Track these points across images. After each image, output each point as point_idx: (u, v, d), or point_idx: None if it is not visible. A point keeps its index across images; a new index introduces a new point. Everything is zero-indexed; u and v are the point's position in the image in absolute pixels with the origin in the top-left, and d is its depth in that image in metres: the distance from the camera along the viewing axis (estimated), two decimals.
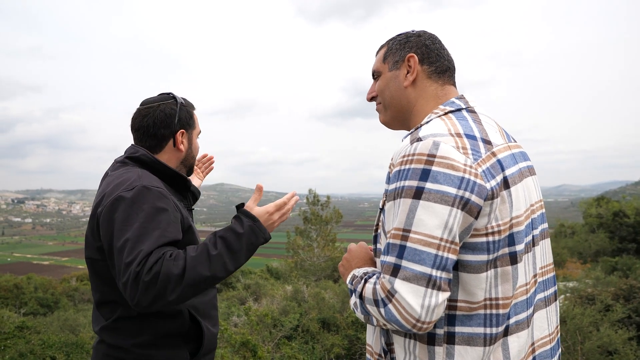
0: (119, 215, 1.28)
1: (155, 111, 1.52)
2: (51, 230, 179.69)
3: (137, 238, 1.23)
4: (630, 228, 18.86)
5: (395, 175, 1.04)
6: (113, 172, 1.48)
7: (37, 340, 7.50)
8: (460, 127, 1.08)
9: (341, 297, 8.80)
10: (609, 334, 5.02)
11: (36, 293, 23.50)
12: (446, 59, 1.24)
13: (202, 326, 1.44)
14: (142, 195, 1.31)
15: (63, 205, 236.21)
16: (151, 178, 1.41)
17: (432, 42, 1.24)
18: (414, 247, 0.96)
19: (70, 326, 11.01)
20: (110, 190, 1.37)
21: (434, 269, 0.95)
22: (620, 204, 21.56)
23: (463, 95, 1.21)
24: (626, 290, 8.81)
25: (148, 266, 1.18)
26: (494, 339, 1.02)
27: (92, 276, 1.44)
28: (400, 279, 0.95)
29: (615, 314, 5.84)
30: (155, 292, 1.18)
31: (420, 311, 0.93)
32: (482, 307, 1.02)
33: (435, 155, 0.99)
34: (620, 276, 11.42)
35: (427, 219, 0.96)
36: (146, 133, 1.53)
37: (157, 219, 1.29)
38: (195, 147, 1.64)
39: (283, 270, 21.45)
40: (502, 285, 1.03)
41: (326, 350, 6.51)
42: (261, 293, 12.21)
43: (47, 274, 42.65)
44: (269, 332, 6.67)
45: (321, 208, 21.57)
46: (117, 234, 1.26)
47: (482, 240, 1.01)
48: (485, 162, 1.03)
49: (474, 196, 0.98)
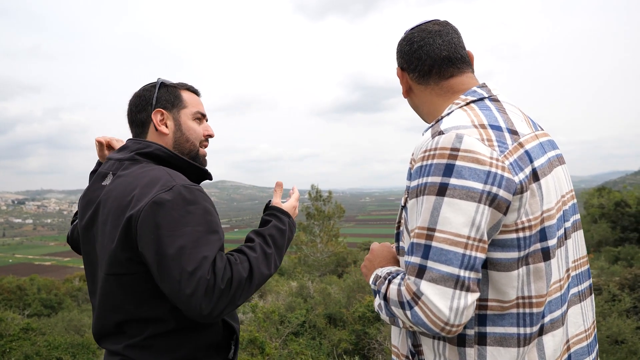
0: (164, 220, 1.15)
1: (133, 98, 1.43)
2: (52, 230, 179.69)
3: (195, 243, 1.14)
4: (632, 218, 18.87)
5: (417, 171, 1.00)
6: (123, 171, 1.31)
7: (42, 341, 7.50)
8: (484, 118, 1.03)
9: (347, 292, 8.79)
10: (618, 324, 5.01)
11: (39, 294, 23.53)
12: (428, 56, 1.15)
13: (235, 330, 1.37)
14: (185, 196, 1.19)
15: (64, 206, 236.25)
16: (180, 175, 1.28)
17: (409, 43, 1.18)
18: (439, 246, 0.92)
19: (75, 327, 11.03)
20: (139, 193, 1.19)
21: (461, 269, 0.91)
22: (622, 194, 21.56)
23: (485, 84, 1.15)
24: (631, 279, 8.81)
25: (220, 273, 1.12)
26: (528, 339, 0.98)
27: (115, 294, 1.25)
28: (426, 281, 0.91)
29: (624, 304, 5.82)
30: (228, 299, 1.13)
31: (448, 314, 0.89)
32: (515, 306, 0.98)
33: (459, 149, 0.95)
34: (625, 266, 11.42)
35: (452, 216, 0.92)
36: (130, 121, 1.42)
37: (208, 220, 1.20)
38: (189, 129, 1.41)
39: (287, 266, 21.47)
40: (535, 283, 0.98)
41: (334, 346, 6.51)
42: (266, 289, 12.21)
43: (50, 274, 42.70)
44: (276, 329, 6.66)
45: (323, 203, 21.58)
46: (166, 241, 1.13)
47: (512, 236, 0.96)
48: (512, 153, 0.98)
49: (502, 191, 0.93)
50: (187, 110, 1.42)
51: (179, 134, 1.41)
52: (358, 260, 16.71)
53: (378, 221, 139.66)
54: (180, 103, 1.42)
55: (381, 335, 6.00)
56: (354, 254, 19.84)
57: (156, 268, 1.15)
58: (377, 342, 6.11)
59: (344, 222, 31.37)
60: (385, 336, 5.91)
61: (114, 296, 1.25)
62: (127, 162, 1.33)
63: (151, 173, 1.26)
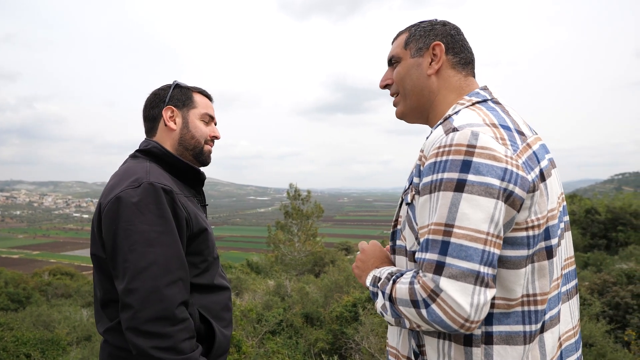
0: (122, 214, 1.24)
1: (149, 96, 1.55)
2: (22, 223, 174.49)
3: (150, 268, 1.21)
4: (601, 225, 19.44)
5: (430, 168, 0.98)
6: (123, 165, 1.44)
7: (10, 337, 7.25)
8: (494, 118, 1.04)
9: (324, 292, 8.80)
10: (589, 328, 5.15)
11: (7, 288, 22.79)
12: (469, 51, 1.21)
13: (214, 327, 1.37)
14: (148, 197, 1.26)
15: (34, 197, 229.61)
16: (160, 173, 1.35)
17: (457, 33, 1.20)
18: (459, 242, 0.91)
19: (44, 322, 10.71)
20: (114, 183, 1.32)
21: (481, 265, 0.90)
22: (592, 202, 22.20)
23: (487, 87, 1.17)
24: (600, 284, 9.09)
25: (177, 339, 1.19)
26: (533, 336, 1.00)
27: (97, 273, 1.36)
28: (445, 277, 0.90)
29: (594, 308, 6.00)
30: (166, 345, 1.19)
31: (469, 310, 0.89)
32: (520, 304, 0.99)
33: (476, 146, 0.94)
34: (594, 271, 11.76)
35: (471, 212, 0.91)
36: (144, 117, 1.54)
37: (162, 240, 1.24)
38: (195, 127, 1.51)
39: (263, 265, 21.36)
40: (539, 281, 1.00)
41: (310, 345, 6.50)
42: (242, 288, 12.12)
43: (18, 268, 41.48)
44: (253, 327, 6.61)
45: (302, 203, 21.54)
46: (121, 234, 1.23)
47: (523, 234, 0.97)
48: (523, 153, 0.99)
49: (517, 188, 0.94)
50: (197, 111, 1.53)
51: (185, 131, 1.50)
52: (336, 260, 16.75)
53: (355, 222, 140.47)
54: (191, 103, 1.53)
55: (358, 335, 6.03)
56: (332, 253, 19.88)
57: (109, 258, 1.26)
58: (355, 341, 6.14)
59: (322, 222, 31.44)
60: (362, 336, 5.93)
61: (98, 275, 1.36)
62: (130, 158, 1.47)
63: (133, 167, 1.36)
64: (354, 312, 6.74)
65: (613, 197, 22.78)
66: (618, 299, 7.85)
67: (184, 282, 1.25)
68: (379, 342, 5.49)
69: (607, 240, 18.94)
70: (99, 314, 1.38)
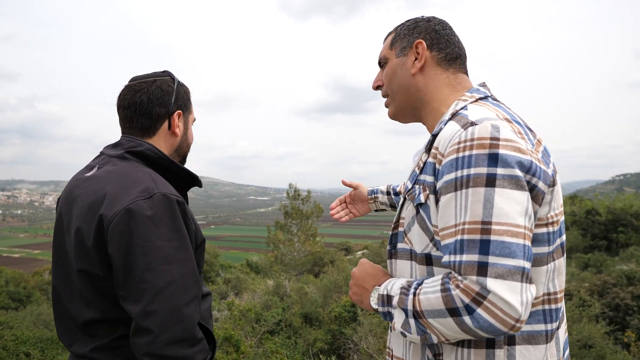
0: (136, 229, 1.11)
1: (151, 86, 1.32)
2: (22, 222, 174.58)
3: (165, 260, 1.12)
4: (601, 226, 19.43)
5: (452, 164, 0.93)
6: (110, 167, 1.25)
7: (10, 335, 7.25)
8: (505, 113, 1.01)
9: (323, 292, 8.79)
10: (588, 329, 5.14)
11: (7, 287, 22.80)
12: (457, 46, 1.16)
13: (212, 332, 1.31)
14: (163, 210, 1.15)
15: (35, 197, 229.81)
16: (164, 182, 1.23)
17: (442, 28, 1.16)
18: (500, 239, 0.86)
19: (44, 321, 10.72)
20: (116, 192, 1.15)
21: (525, 260, 0.86)
22: (593, 203, 22.17)
23: (484, 83, 1.15)
24: (600, 286, 9.08)
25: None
26: (552, 334, 0.99)
27: (89, 292, 1.19)
28: (492, 277, 0.84)
29: (594, 309, 5.99)
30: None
31: (521, 309, 0.84)
32: (541, 303, 0.97)
33: (499, 138, 0.90)
34: (594, 272, 11.75)
35: (507, 207, 0.87)
36: (138, 111, 1.31)
37: (175, 238, 1.15)
38: (191, 134, 1.44)
39: (263, 265, 21.35)
40: (557, 279, 0.99)
41: (309, 345, 6.50)
42: (242, 287, 12.12)
43: (18, 267, 41.47)
44: (252, 327, 6.61)
45: (302, 203, 21.53)
46: (137, 251, 1.10)
47: (543, 230, 0.95)
48: (537, 148, 0.98)
49: (540, 182, 0.92)
50: (191, 116, 1.45)
51: (184, 138, 1.42)
52: (335, 260, 16.74)
53: (355, 222, 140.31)
54: (190, 107, 1.44)
55: (357, 335, 6.02)
56: (331, 253, 19.86)
57: (121, 274, 1.12)
58: (353, 342, 6.13)
59: (321, 222, 31.39)
60: (361, 336, 5.93)
61: (90, 294, 1.19)
62: (116, 159, 1.27)
63: (133, 173, 1.21)
64: (353, 312, 6.74)
65: (614, 198, 22.76)
66: (618, 300, 7.85)
67: (198, 299, 1.17)
68: (377, 342, 5.49)
69: (608, 242, 18.92)
70: (76, 334, 1.24)
